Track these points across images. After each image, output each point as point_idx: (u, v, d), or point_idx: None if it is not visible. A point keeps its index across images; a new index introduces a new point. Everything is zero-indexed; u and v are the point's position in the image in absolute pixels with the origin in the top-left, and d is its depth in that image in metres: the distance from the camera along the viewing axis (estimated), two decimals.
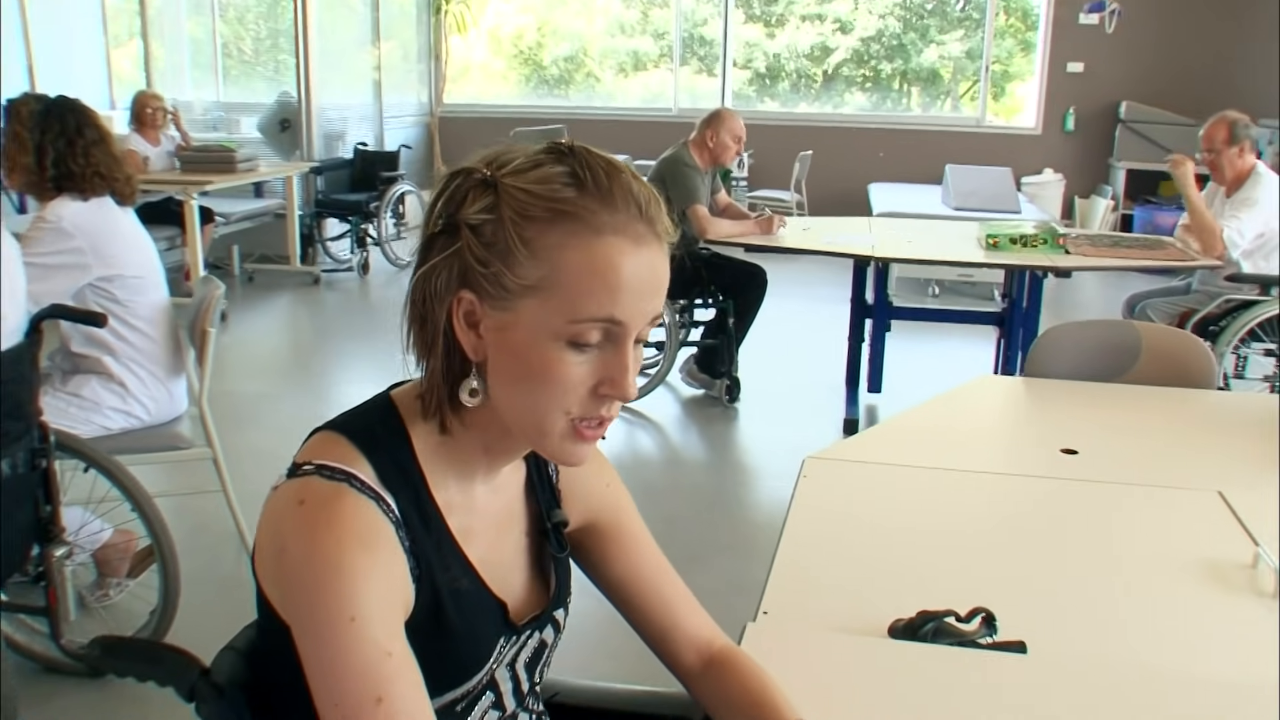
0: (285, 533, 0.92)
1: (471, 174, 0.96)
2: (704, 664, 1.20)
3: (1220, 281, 4.47)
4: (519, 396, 0.96)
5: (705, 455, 4.56)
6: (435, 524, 1.00)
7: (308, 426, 1.02)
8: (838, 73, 10.25)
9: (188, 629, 2.66)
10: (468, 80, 10.81)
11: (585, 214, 0.92)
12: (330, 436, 0.98)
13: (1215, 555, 1.61)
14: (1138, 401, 2.39)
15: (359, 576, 0.89)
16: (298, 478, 0.94)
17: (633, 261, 0.93)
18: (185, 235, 6.34)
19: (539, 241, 0.92)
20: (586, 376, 0.95)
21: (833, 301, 6.20)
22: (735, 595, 3.08)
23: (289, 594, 0.92)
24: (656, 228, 0.96)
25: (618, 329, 0.94)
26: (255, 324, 6.51)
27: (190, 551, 3.09)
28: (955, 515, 1.80)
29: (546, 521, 1.15)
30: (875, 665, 1.31)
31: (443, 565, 1.00)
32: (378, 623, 0.89)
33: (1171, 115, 8.53)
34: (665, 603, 1.21)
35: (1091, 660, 1.33)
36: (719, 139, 4.85)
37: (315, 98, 7.98)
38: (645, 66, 10.52)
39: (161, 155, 6.73)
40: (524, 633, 1.11)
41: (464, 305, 0.96)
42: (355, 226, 7.72)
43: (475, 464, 1.04)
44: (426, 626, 0.98)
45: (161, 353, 2.96)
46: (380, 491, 0.95)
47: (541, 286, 0.92)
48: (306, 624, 0.89)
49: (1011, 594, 1.49)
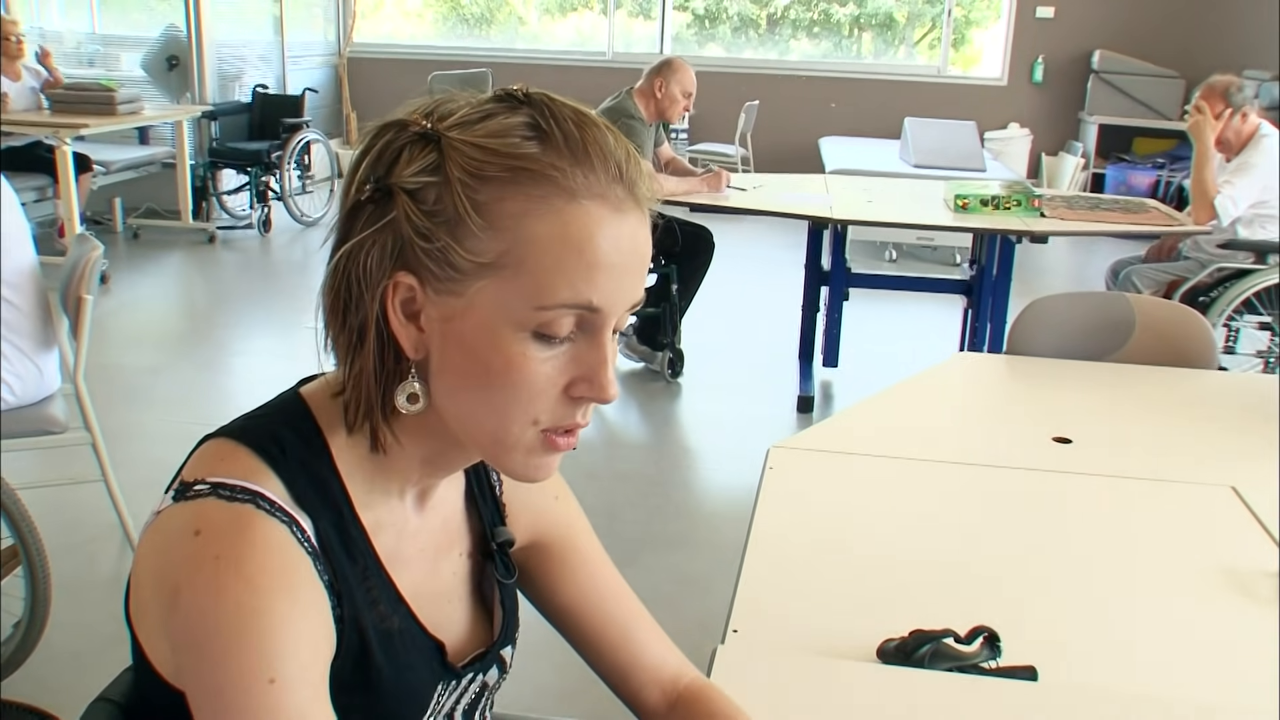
0: (179, 574, 0.79)
1: (406, 127, 0.83)
2: (670, 703, 1.12)
3: (1213, 249, 4.48)
4: (473, 404, 0.85)
5: (646, 436, 4.49)
6: (361, 550, 0.89)
7: (202, 404, 0.91)
8: (784, 16, 10.17)
9: (60, 643, 2.53)
10: (380, 18, 10.58)
11: (554, 173, 0.81)
12: (227, 446, 0.85)
13: (1235, 561, 1.57)
14: (1134, 382, 2.36)
15: (279, 627, 0.78)
16: (188, 500, 0.82)
17: (613, 233, 0.82)
18: (58, 186, 6.10)
19: (497, 208, 0.81)
20: (557, 375, 0.84)
21: (784, 265, 6.17)
22: (685, 594, 3.03)
23: (186, 651, 0.79)
24: (638, 192, 0.85)
25: (594, 317, 0.83)
26: (141, 287, 6.29)
27: (64, 551, 2.97)
28: (943, 514, 1.75)
29: (490, 542, 1.05)
30: (865, 694, 1.24)
31: (369, 601, 0.89)
32: (304, 684, 0.78)
33: (1149, 66, 8.58)
34: (624, 633, 1.12)
35: (1112, 690, 1.27)
36: (668, 90, 4.77)
37: (207, 33, 7.74)
38: (575, 7, 10.36)
39: (24, 92, 6.43)
40: (464, 675, 1.00)
41: (401, 291, 0.83)
42: (255, 179, 7.54)
43: (408, 477, 0.93)
44: (351, 678, 0.87)
45: (28, 323, 2.82)
46: (294, 514, 0.83)
47: (501, 264, 0.81)
48: (208, 684, 0.77)
49: (1013, 607, 1.44)
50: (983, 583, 1.52)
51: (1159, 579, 1.54)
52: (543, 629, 1.15)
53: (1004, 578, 1.54)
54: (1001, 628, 1.30)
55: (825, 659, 1.31)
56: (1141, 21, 8.80)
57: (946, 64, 9.58)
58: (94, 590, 2.95)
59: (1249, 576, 1.52)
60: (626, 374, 5.03)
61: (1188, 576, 1.54)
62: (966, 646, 1.29)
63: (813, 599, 1.47)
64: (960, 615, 1.33)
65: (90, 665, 2.56)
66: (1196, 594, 1.50)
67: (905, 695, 1.23)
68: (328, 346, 0.88)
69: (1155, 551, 1.63)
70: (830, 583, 1.52)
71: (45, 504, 2.79)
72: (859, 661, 1.30)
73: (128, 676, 0.96)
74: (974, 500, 1.81)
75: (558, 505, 1.14)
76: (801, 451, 1.93)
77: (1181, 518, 1.74)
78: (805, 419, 4.48)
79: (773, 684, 1.25)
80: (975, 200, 4.44)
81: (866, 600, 1.47)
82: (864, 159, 7.54)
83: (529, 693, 2.49)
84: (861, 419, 2.18)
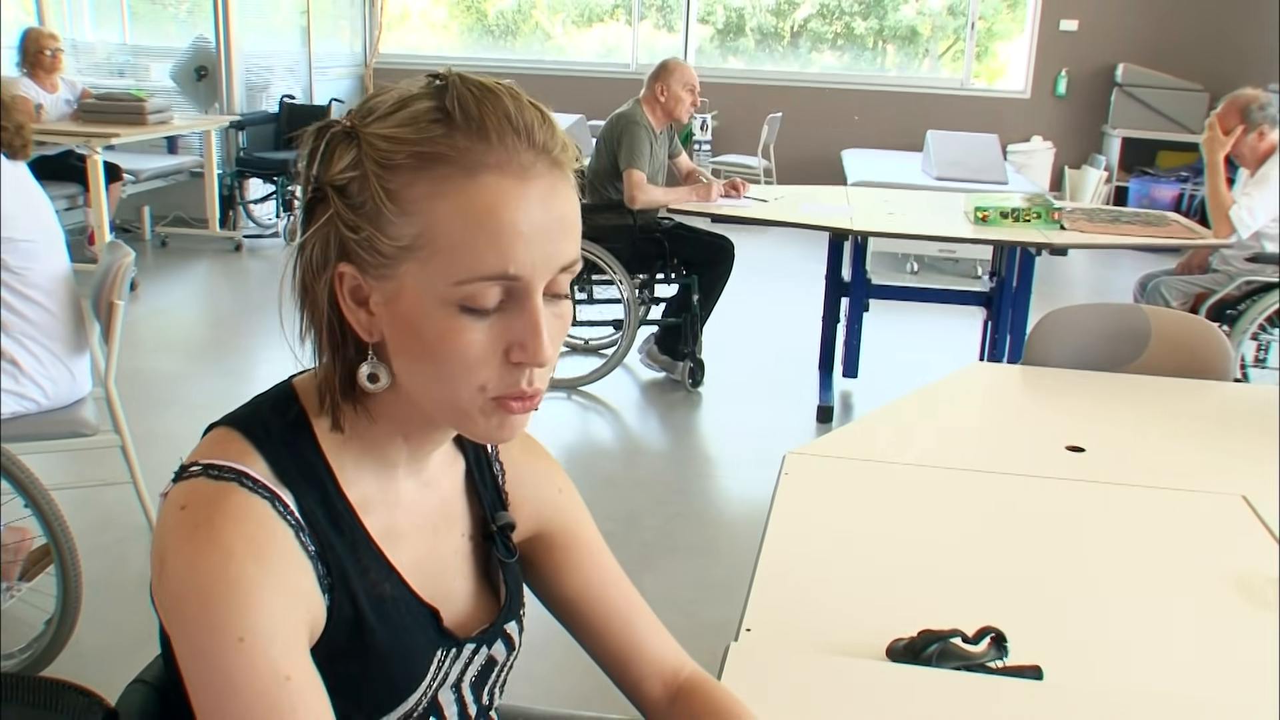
0: (164, 543, 0.87)
1: (333, 127, 0.90)
2: (671, 695, 1.15)
3: (1241, 262, 4.49)
4: (424, 377, 0.91)
5: (666, 445, 4.51)
6: (348, 523, 0.94)
7: (227, 408, 0.96)
8: (805, 28, 10.19)
9: (91, 640, 2.58)
10: (405, 29, 10.65)
11: (455, 153, 0.85)
12: (222, 432, 0.93)
13: (1243, 567, 1.58)
14: (1148, 393, 2.37)
15: (250, 589, 0.84)
16: (184, 480, 0.89)
17: (520, 201, 0.86)
18: (89, 194, 6.17)
19: (406, 194, 0.86)
20: (492, 344, 0.88)
21: (804, 277, 6.19)
22: (705, 599, 3.05)
23: (169, 613, 0.86)
24: (552, 154, 0.89)
25: (517, 284, 0.87)
26: (169, 294, 6.36)
27: (94, 550, 3.02)
28: (955, 519, 1.77)
29: (491, 524, 1.10)
30: (873, 691, 1.26)
31: (359, 570, 0.94)
32: (273, 642, 0.84)
33: (1173, 79, 8.56)
34: (626, 624, 1.16)
35: (1116, 688, 1.29)
36: (670, 90, 4.80)
37: (236, 44, 7.81)
38: (601, 19, 10.41)
39: (58, 103, 6.54)
40: (467, 646, 1.05)
41: (347, 280, 0.90)
42: (281, 188, 7.59)
43: (395, 455, 0.99)
44: (347, 643, 0.93)
45: (61, 327, 2.86)
46: (276, 490, 0.89)
47: (418, 246, 0.86)
48: (188, 648, 0.84)
49: (1021, 610, 1.46)
50: (992, 586, 1.54)
51: (1166, 583, 1.56)
52: (541, 630, 1.18)
53: (1013, 581, 1.56)
54: (1009, 630, 1.32)
55: (836, 657, 1.34)
56: (1165, 34, 8.78)
57: (970, 77, 9.58)
58: (122, 589, 2.99)
59: (1256, 582, 1.54)
60: (648, 383, 5.06)
61: (1194, 581, 1.56)
62: (974, 646, 1.31)
63: (824, 599, 1.50)
64: (969, 617, 1.35)
65: (119, 661, 2.59)
66: (1202, 598, 1.51)
67: (913, 692, 1.25)
68: (303, 338, 0.95)
69: (1163, 557, 1.64)
70: (842, 584, 1.54)
71: (74, 505, 2.83)
72: (868, 660, 1.32)
73: (161, 661, 1.01)
74: (984, 505, 1.83)
75: (561, 498, 1.17)
76: (817, 457, 1.95)
77: (1191, 525, 1.75)
78: (825, 428, 4.50)
79: (784, 681, 1.27)
80: (995, 212, 4.45)
81: (877, 602, 1.49)
82: (886, 171, 7.55)
83: (542, 673, 2.52)
84: (876, 426, 2.20)
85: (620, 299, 4.80)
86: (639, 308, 4.93)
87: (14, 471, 2.48)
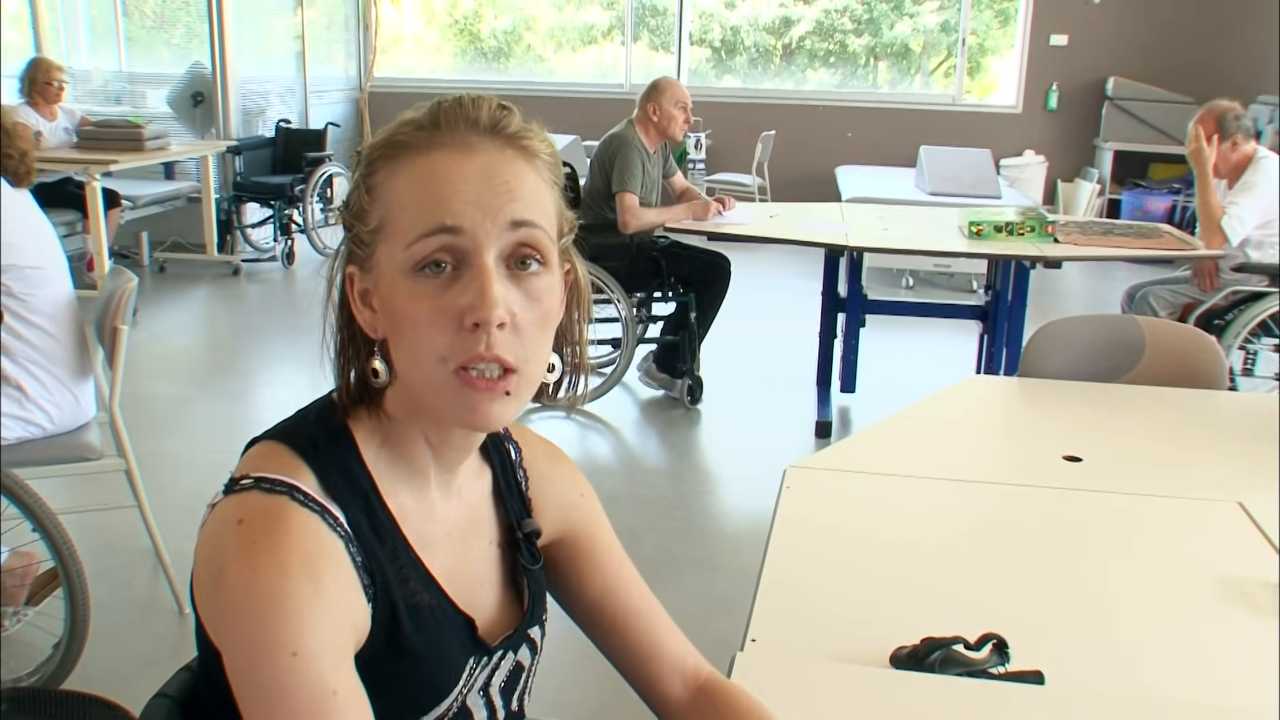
0: (224, 557, 0.89)
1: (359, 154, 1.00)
2: (691, 693, 1.18)
3: (1227, 272, 4.52)
4: (403, 361, 0.96)
5: (666, 461, 4.53)
6: (390, 533, 0.98)
7: (229, 432, 1.00)
8: (799, 46, 10.25)
9: (98, 664, 2.58)
10: (399, 53, 10.69)
11: (413, 140, 0.95)
12: (269, 446, 0.97)
13: (1240, 573, 1.60)
14: (1143, 403, 2.40)
15: (303, 606, 0.87)
16: (236, 493, 0.93)
17: (460, 167, 0.93)
18: (88, 221, 6.19)
19: (375, 182, 0.96)
20: (446, 308, 0.91)
21: (801, 294, 6.21)
22: (707, 614, 3.07)
23: (225, 624, 0.89)
24: (506, 134, 0.96)
25: (460, 240, 0.91)
26: (168, 319, 6.39)
27: (100, 574, 3.02)
28: (955, 529, 1.79)
29: (517, 532, 1.13)
30: (878, 698, 1.28)
31: (400, 579, 0.98)
32: (322, 657, 0.87)
33: (1163, 93, 8.61)
34: (647, 625, 1.19)
35: (1116, 693, 1.31)
36: (663, 110, 4.83)
37: (232, 69, 7.85)
38: (596, 40, 10.46)
39: (57, 131, 6.58)
40: (496, 653, 1.08)
41: (355, 283, 0.98)
42: (278, 212, 7.61)
43: (424, 463, 1.02)
44: (385, 648, 0.96)
45: (65, 353, 2.88)
46: (326, 504, 0.93)
47: (382, 225, 0.94)
48: (242, 658, 0.87)
49: (1023, 617, 1.48)
50: (993, 594, 1.56)
51: (1163, 589, 1.58)
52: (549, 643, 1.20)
53: (1014, 589, 1.58)
54: (1011, 637, 1.34)
55: (840, 664, 1.36)
56: (1155, 48, 8.84)
57: (962, 92, 9.63)
58: (129, 612, 2.99)
59: (1253, 587, 1.56)
60: (647, 401, 5.08)
61: (1192, 587, 1.58)
62: (976, 653, 1.33)
63: (828, 609, 1.52)
64: (970, 624, 1.37)
65: (126, 685, 2.61)
66: (1200, 604, 1.53)
67: (917, 699, 1.27)
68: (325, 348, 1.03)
69: (1161, 563, 1.66)
70: (845, 593, 1.56)
71: (80, 529, 2.84)
72: (873, 667, 1.34)
73: (184, 675, 1.03)
74: (984, 515, 1.85)
75: (583, 503, 1.21)
76: (818, 471, 1.97)
77: (1188, 532, 1.77)
78: (823, 444, 4.51)
79: (790, 688, 1.29)
80: (989, 227, 4.47)
81: (880, 610, 1.51)
82: (880, 187, 7.58)
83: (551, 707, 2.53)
84: (875, 439, 2.22)
85: (618, 318, 4.82)
86: (637, 326, 4.95)
87: (21, 496, 2.49)
